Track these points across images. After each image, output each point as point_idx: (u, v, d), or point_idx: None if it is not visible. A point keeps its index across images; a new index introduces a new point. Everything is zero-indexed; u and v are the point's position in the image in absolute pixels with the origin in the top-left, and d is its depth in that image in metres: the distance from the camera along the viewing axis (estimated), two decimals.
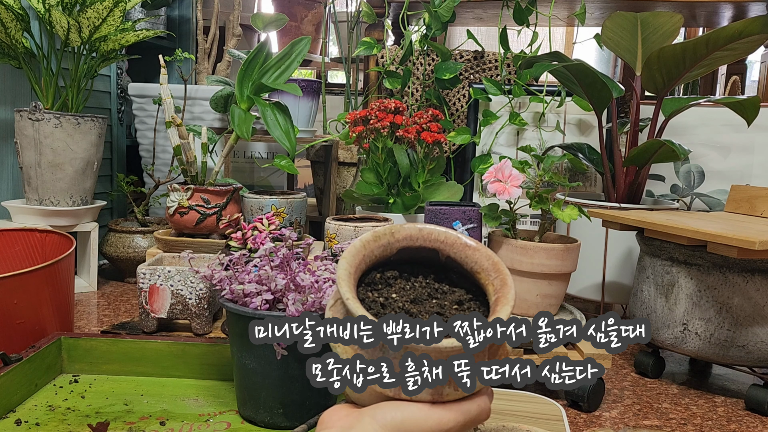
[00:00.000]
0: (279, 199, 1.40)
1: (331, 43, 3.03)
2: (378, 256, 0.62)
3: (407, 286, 0.63)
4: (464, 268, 0.64)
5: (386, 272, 0.63)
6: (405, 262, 0.64)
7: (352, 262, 0.59)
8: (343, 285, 0.57)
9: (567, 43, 3.36)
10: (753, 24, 1.27)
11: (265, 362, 0.78)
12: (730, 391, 1.22)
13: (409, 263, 0.64)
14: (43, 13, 1.47)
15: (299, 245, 0.93)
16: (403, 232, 0.64)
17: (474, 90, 1.74)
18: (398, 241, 0.63)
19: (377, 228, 0.64)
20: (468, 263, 0.64)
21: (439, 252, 0.64)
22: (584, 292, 1.51)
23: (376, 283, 0.62)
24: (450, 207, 1.20)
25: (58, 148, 1.49)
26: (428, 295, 0.63)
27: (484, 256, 0.64)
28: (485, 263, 0.64)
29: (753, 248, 0.99)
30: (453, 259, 0.65)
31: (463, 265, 0.64)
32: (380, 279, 0.63)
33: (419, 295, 0.62)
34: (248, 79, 1.41)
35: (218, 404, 0.87)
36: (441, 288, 0.64)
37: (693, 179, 1.73)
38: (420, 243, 0.64)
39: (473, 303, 0.64)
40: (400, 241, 0.64)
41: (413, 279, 0.64)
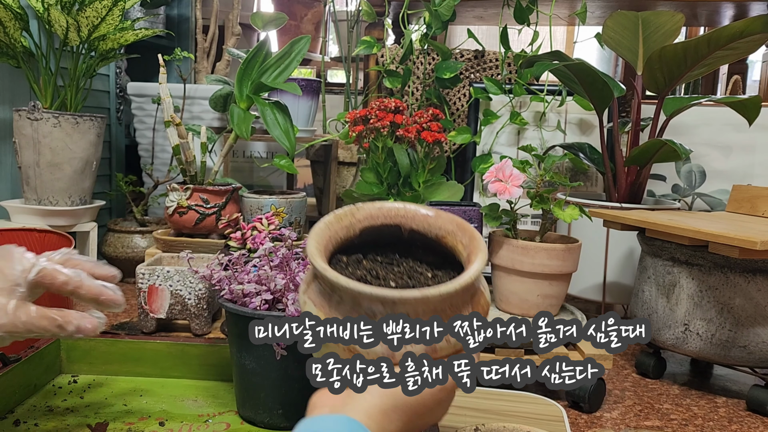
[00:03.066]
0: (278, 199, 1.39)
1: (330, 42, 3.03)
2: (342, 237, 0.62)
3: (374, 263, 0.63)
4: (429, 238, 0.64)
5: (351, 255, 0.62)
6: (369, 245, 0.64)
7: (320, 241, 0.59)
8: (317, 259, 0.56)
9: (568, 43, 3.35)
10: (754, 23, 1.26)
11: (265, 362, 0.78)
12: (732, 392, 1.21)
13: (373, 246, 0.64)
14: (42, 12, 1.47)
15: (299, 245, 0.93)
16: (364, 211, 0.64)
17: (474, 89, 1.73)
18: (360, 221, 0.63)
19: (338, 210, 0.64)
20: (432, 231, 0.64)
21: (402, 227, 0.64)
22: (585, 292, 1.51)
23: (344, 266, 0.61)
24: (450, 207, 1.20)
25: (56, 147, 1.49)
26: (397, 271, 0.63)
27: (446, 220, 0.64)
28: (449, 226, 0.64)
29: (755, 248, 0.98)
30: (417, 231, 0.64)
31: (427, 234, 0.64)
32: (347, 262, 0.62)
33: (388, 271, 0.62)
34: (247, 78, 1.40)
35: (217, 405, 0.87)
36: (407, 261, 0.64)
37: (694, 179, 1.73)
38: (381, 221, 0.64)
39: (442, 271, 0.63)
40: (362, 221, 0.63)
41: (380, 257, 0.63)
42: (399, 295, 0.54)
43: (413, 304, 0.54)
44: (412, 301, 0.54)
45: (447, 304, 0.56)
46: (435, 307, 0.55)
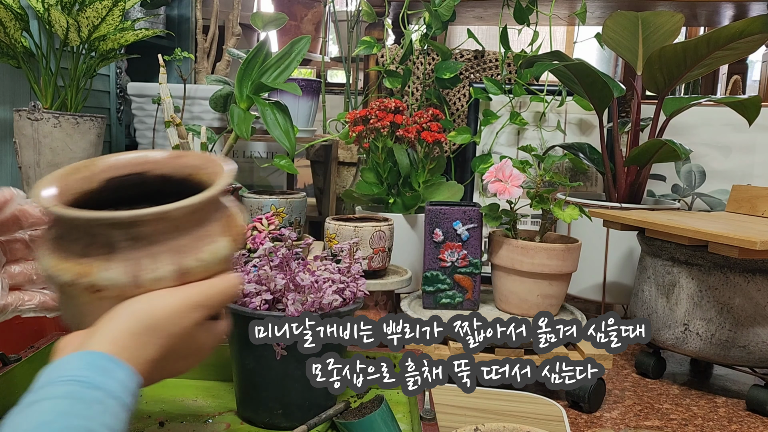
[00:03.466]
0: (278, 199, 1.40)
1: (330, 42, 3.03)
2: (80, 190, 0.58)
3: None
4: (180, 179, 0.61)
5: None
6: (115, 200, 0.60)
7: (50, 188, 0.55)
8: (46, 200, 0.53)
9: (568, 43, 3.35)
10: (754, 23, 1.26)
11: (265, 362, 0.78)
12: (731, 392, 1.21)
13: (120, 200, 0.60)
14: (42, 13, 1.47)
15: (299, 245, 0.93)
16: (104, 162, 0.60)
17: (474, 89, 1.73)
18: (101, 172, 0.60)
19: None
20: (180, 171, 0.61)
21: (148, 173, 0.61)
22: (585, 292, 1.51)
23: None
24: (450, 207, 1.20)
25: (57, 147, 1.49)
26: None
27: (193, 157, 0.61)
28: (196, 161, 0.61)
29: (754, 248, 0.98)
30: (166, 175, 0.61)
31: (176, 175, 0.61)
32: None
33: None
34: (248, 79, 1.40)
35: (217, 405, 0.87)
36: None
37: (694, 179, 1.73)
38: (126, 170, 0.60)
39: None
40: (104, 171, 0.60)
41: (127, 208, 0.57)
42: (134, 214, 0.50)
43: (152, 222, 0.51)
44: (149, 218, 0.50)
45: (191, 222, 0.53)
46: (177, 224, 0.52)
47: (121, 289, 0.50)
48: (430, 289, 1.21)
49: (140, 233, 0.51)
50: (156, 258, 0.51)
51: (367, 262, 1.20)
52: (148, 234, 0.51)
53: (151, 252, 0.51)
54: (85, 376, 0.44)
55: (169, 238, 0.52)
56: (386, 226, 1.22)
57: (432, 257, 1.21)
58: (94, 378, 0.44)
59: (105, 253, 0.51)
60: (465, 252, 1.20)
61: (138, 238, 0.51)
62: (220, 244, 0.54)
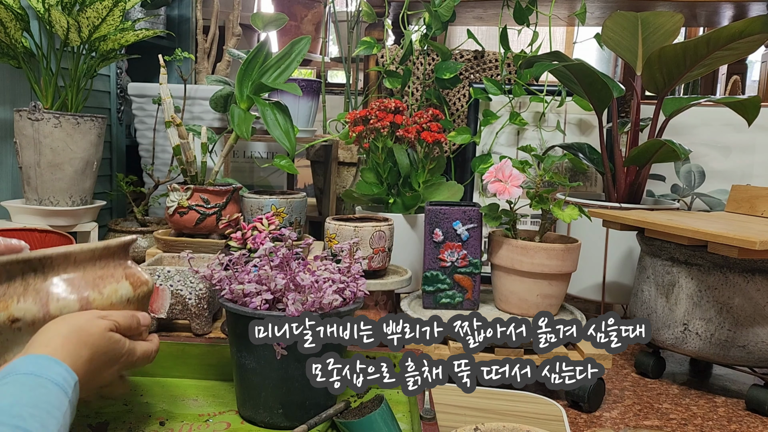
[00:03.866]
0: (279, 199, 1.40)
1: (331, 42, 3.03)
2: None
3: None
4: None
5: None
6: None
7: None
8: None
9: (567, 43, 3.36)
10: (753, 23, 1.27)
11: (265, 362, 0.78)
12: (731, 392, 1.22)
13: None
14: (43, 13, 1.47)
15: (299, 245, 0.93)
16: None
17: (474, 90, 1.74)
18: None
19: None
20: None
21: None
22: (585, 292, 1.51)
23: None
24: (450, 207, 1.20)
25: (57, 147, 1.49)
26: None
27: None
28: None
29: (753, 248, 0.99)
30: None
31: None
32: None
33: None
34: (248, 79, 1.40)
35: (218, 404, 0.87)
36: None
37: (693, 179, 1.73)
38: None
39: None
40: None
41: None
42: (44, 253, 0.62)
43: (59, 260, 0.63)
44: (56, 256, 0.62)
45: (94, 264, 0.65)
46: (81, 264, 0.64)
47: (34, 316, 0.61)
48: (430, 289, 1.22)
49: (49, 271, 0.63)
50: (63, 290, 0.63)
51: (367, 262, 1.20)
52: (56, 271, 0.63)
53: (58, 286, 0.63)
54: (29, 371, 0.52)
55: (73, 275, 0.64)
56: (386, 226, 1.22)
57: (432, 257, 1.21)
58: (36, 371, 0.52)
59: (21, 290, 0.62)
60: (465, 252, 1.20)
61: (47, 275, 0.63)
62: (120, 285, 0.67)
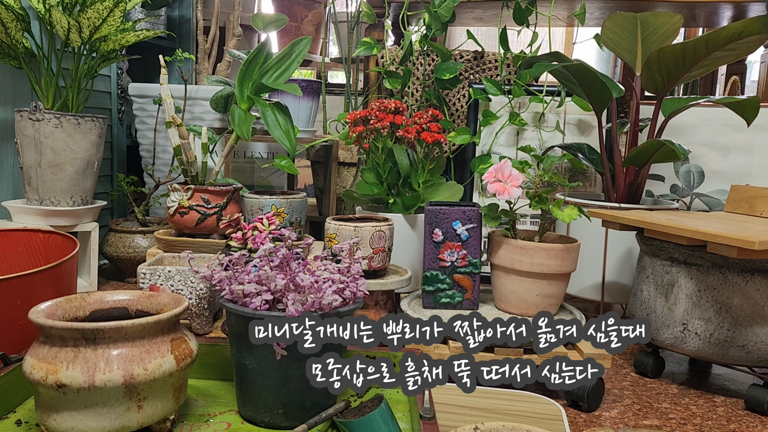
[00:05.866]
0: (279, 199, 1.40)
1: (331, 43, 3.03)
2: (72, 317, 0.78)
3: None
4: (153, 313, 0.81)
5: None
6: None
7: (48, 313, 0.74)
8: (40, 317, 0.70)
9: (567, 44, 3.36)
10: (753, 24, 1.27)
11: (265, 362, 0.78)
12: (730, 391, 1.22)
13: None
14: (44, 14, 1.48)
15: (299, 245, 0.94)
16: (94, 296, 0.81)
17: (474, 90, 1.74)
18: (89, 304, 0.80)
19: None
20: (154, 307, 0.81)
21: (128, 309, 0.82)
22: (584, 292, 1.51)
23: None
24: (450, 207, 1.20)
25: (58, 148, 1.49)
26: None
27: (166, 296, 0.82)
28: (167, 300, 0.82)
29: (752, 248, 0.99)
30: (142, 310, 0.82)
31: (150, 311, 0.81)
32: None
33: None
34: (248, 80, 1.41)
35: (218, 404, 0.87)
36: None
37: (693, 179, 1.73)
38: (110, 305, 0.81)
39: None
40: (92, 303, 0.80)
41: None
42: (96, 326, 0.66)
43: (110, 333, 0.67)
44: (107, 329, 0.66)
45: (144, 337, 0.70)
46: (132, 337, 0.69)
47: (79, 385, 0.65)
48: (430, 288, 1.22)
49: (100, 341, 0.67)
50: (110, 364, 0.67)
51: (367, 262, 1.20)
52: (106, 343, 0.67)
53: (107, 359, 0.67)
54: None
55: (122, 349, 0.68)
56: (386, 226, 1.23)
57: (432, 257, 1.21)
58: None
59: (71, 357, 0.66)
60: (464, 252, 1.20)
61: (98, 346, 0.67)
62: (165, 359, 0.71)
